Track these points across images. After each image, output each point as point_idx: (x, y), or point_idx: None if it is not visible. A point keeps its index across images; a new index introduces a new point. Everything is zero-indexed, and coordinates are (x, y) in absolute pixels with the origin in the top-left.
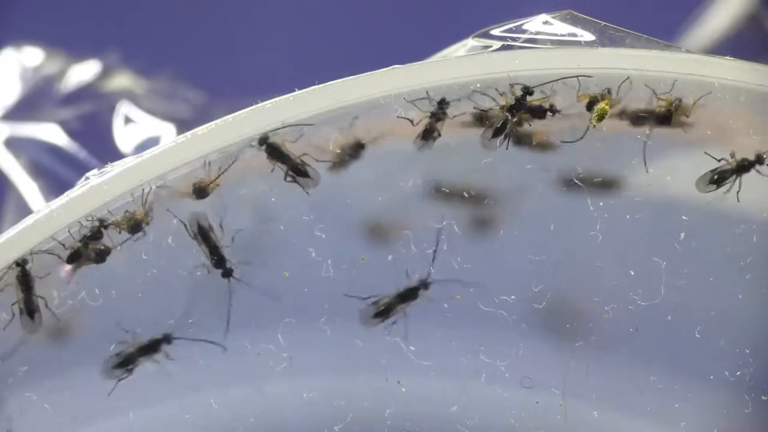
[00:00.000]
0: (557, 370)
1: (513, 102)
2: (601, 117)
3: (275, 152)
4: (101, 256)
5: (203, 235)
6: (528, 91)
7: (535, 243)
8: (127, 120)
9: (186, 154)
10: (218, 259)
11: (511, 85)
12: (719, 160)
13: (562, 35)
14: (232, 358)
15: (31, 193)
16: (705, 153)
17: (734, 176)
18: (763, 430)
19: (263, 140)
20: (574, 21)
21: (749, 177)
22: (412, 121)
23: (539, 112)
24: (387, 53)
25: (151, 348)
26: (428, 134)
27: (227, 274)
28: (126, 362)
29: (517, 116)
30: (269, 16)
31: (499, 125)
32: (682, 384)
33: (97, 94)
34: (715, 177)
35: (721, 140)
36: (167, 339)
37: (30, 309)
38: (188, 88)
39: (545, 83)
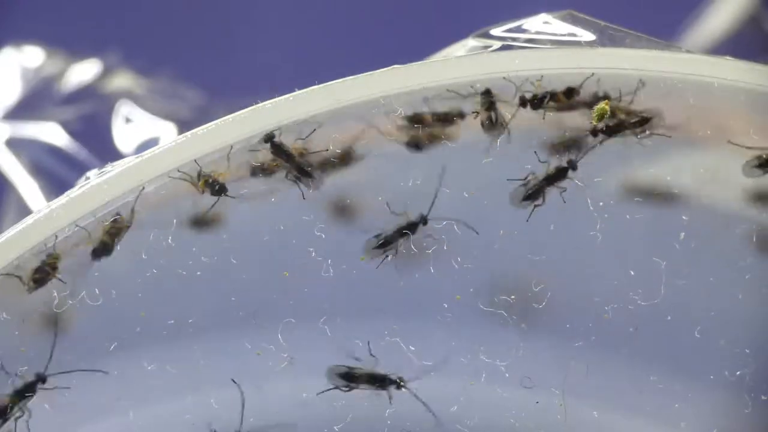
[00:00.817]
0: (557, 370)
1: (486, 105)
2: (600, 116)
3: (279, 151)
4: (270, 171)
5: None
6: (487, 91)
7: (535, 243)
8: (127, 120)
9: (186, 154)
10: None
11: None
12: (749, 148)
13: (562, 35)
14: (232, 358)
15: (31, 193)
16: (729, 142)
17: None
18: (763, 430)
19: (268, 138)
20: (574, 21)
21: (749, 178)
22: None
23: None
24: (387, 53)
25: (378, 381)
26: (492, 124)
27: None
28: (347, 378)
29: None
30: (269, 16)
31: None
32: (682, 384)
33: (97, 94)
34: (762, 161)
35: (721, 140)
36: (398, 384)
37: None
38: (188, 88)
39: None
